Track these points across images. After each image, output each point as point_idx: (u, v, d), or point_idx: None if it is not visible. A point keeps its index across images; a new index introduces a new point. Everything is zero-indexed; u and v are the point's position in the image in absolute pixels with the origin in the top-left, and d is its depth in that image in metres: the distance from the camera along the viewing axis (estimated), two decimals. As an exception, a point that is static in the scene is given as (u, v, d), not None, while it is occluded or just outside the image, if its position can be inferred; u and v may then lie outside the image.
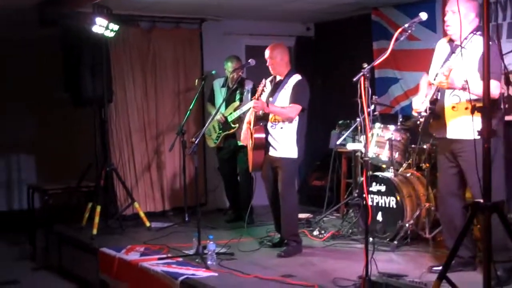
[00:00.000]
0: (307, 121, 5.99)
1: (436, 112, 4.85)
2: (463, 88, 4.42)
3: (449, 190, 4.98)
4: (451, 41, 4.91)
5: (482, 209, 3.13)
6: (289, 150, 5.85)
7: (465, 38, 4.67)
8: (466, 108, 4.52)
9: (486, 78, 3.27)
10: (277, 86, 6.01)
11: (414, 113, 5.06)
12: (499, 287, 4.23)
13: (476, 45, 4.63)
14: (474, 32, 4.69)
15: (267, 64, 6.04)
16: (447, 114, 4.81)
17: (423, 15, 4.55)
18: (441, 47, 5.02)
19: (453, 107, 4.74)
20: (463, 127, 4.66)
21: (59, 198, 7.52)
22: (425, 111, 4.86)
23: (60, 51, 7.46)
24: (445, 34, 7.23)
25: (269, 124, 5.93)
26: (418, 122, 5.05)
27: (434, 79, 4.77)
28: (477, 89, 4.08)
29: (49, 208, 7.50)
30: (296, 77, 5.96)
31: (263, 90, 5.89)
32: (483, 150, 3.18)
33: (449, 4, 4.81)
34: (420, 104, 4.95)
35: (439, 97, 4.83)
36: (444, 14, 4.90)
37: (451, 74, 4.50)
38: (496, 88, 4.49)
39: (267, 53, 6.03)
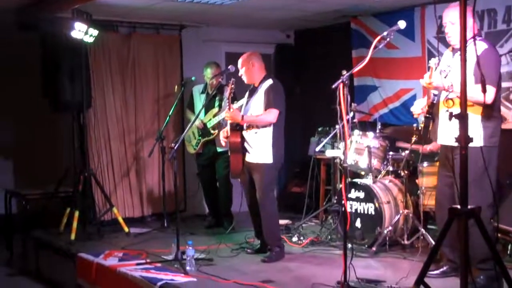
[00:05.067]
0: (284, 125, 5.93)
1: (434, 117, 4.86)
2: (447, 90, 4.44)
3: (445, 197, 4.90)
4: (453, 50, 4.89)
5: (458, 214, 3.16)
6: (264, 155, 5.79)
7: None
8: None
9: (463, 85, 3.29)
10: (251, 94, 5.99)
11: (414, 116, 5.11)
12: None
13: (473, 50, 4.61)
14: (474, 38, 4.68)
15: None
16: (441, 119, 4.80)
17: (402, 24, 4.59)
18: (446, 56, 4.99)
19: (447, 111, 4.74)
20: (454, 133, 4.66)
21: (37, 203, 7.44)
22: (425, 114, 4.87)
23: (38, 56, 7.43)
24: (423, 43, 7.40)
25: (244, 129, 5.91)
26: (420, 127, 5.06)
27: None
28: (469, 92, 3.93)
29: (26, 213, 7.43)
30: (268, 82, 5.90)
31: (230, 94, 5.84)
32: (461, 157, 3.20)
33: (445, 16, 4.76)
34: (418, 108, 4.96)
35: (435, 101, 4.81)
36: (442, 23, 4.87)
37: (433, 74, 4.51)
38: (488, 94, 4.37)
39: (239, 64, 5.99)
